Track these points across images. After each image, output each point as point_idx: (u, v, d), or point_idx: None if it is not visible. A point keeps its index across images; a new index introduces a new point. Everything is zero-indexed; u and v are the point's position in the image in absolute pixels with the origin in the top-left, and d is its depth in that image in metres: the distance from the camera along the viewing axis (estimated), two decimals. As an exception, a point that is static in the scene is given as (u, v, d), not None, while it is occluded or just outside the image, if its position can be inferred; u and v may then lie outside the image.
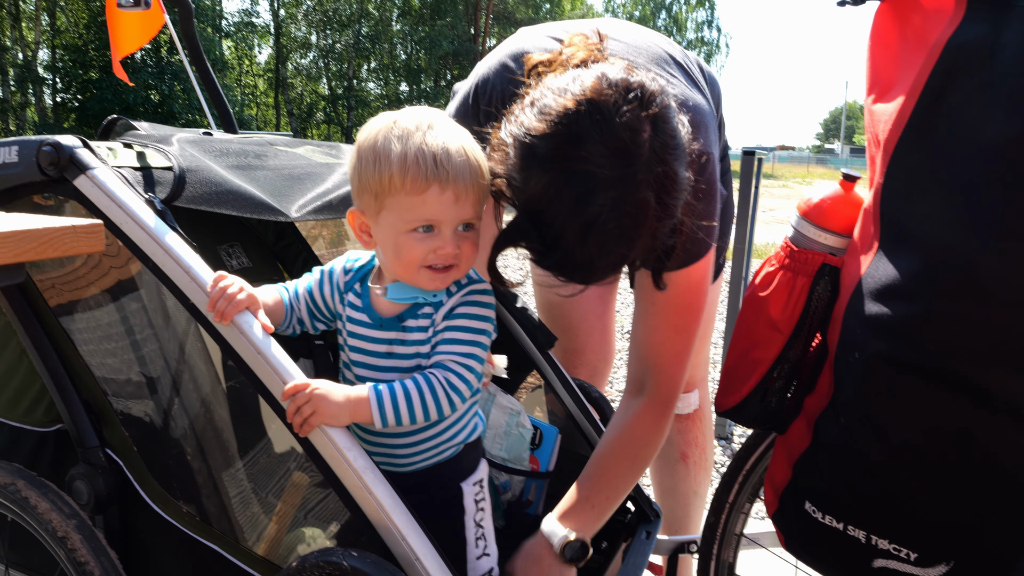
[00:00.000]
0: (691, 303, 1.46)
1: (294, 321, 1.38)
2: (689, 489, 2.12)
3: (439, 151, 1.15)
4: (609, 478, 1.45)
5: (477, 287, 1.28)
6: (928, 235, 1.05)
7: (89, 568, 1.28)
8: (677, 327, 1.46)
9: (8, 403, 1.47)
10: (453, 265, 1.22)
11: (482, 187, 1.19)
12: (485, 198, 1.21)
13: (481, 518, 1.35)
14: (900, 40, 1.12)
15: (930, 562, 1.14)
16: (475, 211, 1.20)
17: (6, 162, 1.32)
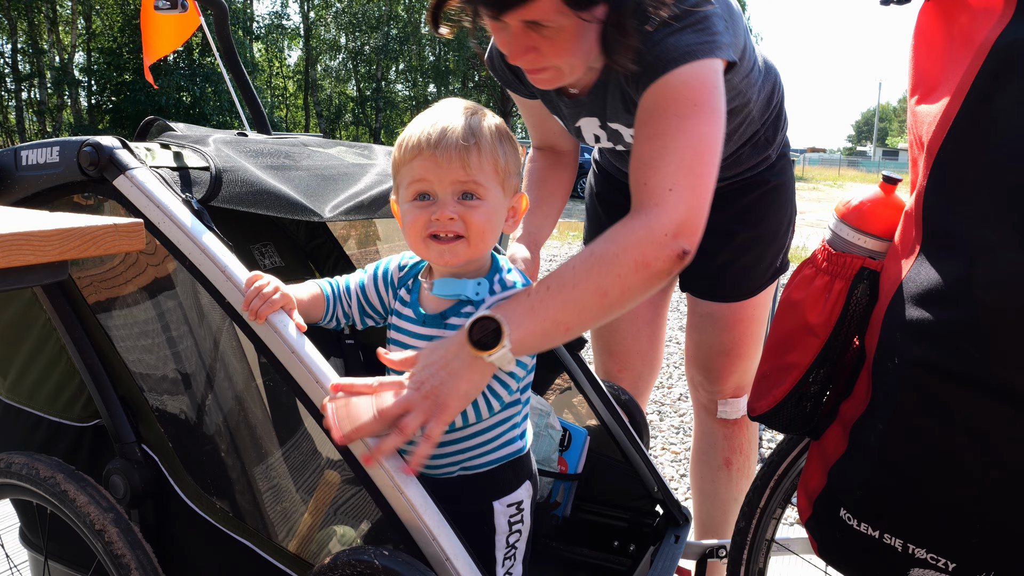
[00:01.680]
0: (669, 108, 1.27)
1: (338, 313, 1.38)
2: (730, 496, 2.10)
3: (436, 124, 1.18)
4: (560, 275, 1.19)
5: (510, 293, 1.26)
6: (972, 239, 1.03)
7: (126, 561, 1.29)
8: (647, 134, 1.28)
9: (48, 398, 1.50)
10: (460, 236, 1.18)
11: (479, 155, 1.16)
12: (484, 166, 1.17)
13: (516, 540, 1.32)
14: (946, 39, 1.11)
15: (969, 572, 1.12)
16: (467, 174, 1.16)
17: (48, 162, 1.34)
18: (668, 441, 3.62)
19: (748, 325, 1.94)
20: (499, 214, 1.23)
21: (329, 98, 41.17)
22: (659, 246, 1.17)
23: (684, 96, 1.27)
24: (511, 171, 1.22)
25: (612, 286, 1.17)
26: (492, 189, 1.20)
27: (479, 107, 1.24)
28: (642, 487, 1.85)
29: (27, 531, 1.64)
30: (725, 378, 2.01)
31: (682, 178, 1.21)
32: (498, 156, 1.19)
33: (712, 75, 1.30)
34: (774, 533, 1.69)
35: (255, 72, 33.16)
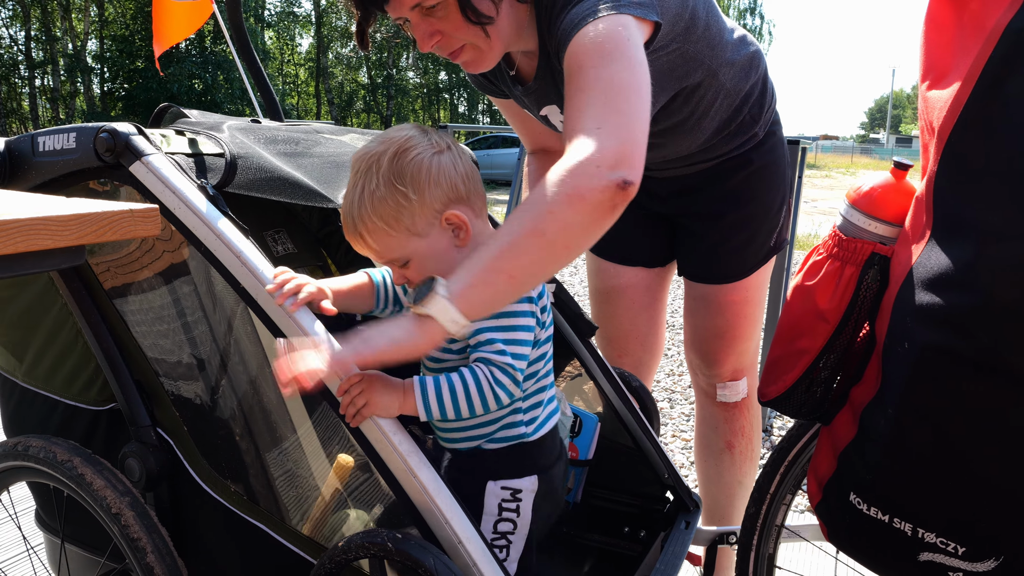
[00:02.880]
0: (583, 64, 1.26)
1: (390, 303, 1.41)
2: (734, 479, 2.11)
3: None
4: (499, 229, 1.18)
5: None
6: (983, 224, 1.03)
7: (141, 544, 1.31)
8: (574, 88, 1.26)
9: (64, 382, 1.52)
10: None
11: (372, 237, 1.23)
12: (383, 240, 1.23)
13: (507, 529, 1.32)
14: (957, 25, 1.10)
15: (979, 556, 1.12)
16: (378, 255, 1.26)
17: (64, 148, 1.35)
18: (679, 428, 3.63)
19: (743, 307, 1.94)
20: (433, 254, 1.25)
21: (340, 85, 41.15)
22: (591, 176, 1.13)
23: (593, 50, 1.26)
24: (414, 213, 1.22)
25: (547, 224, 1.13)
26: (408, 245, 1.23)
27: (375, 155, 1.23)
28: (652, 473, 1.85)
29: (43, 514, 1.66)
30: (722, 361, 2.01)
31: (609, 116, 1.18)
32: (386, 220, 1.21)
33: (620, 28, 1.28)
34: (784, 519, 1.70)
35: (267, 60, 33.14)
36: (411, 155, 1.22)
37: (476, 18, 1.36)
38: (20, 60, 30.72)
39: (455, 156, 1.26)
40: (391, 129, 1.29)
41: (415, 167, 1.21)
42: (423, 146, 1.23)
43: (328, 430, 1.38)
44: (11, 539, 2.44)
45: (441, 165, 1.23)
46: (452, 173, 1.24)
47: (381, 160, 1.22)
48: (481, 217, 1.30)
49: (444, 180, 1.23)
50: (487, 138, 23.46)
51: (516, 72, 1.67)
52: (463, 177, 1.25)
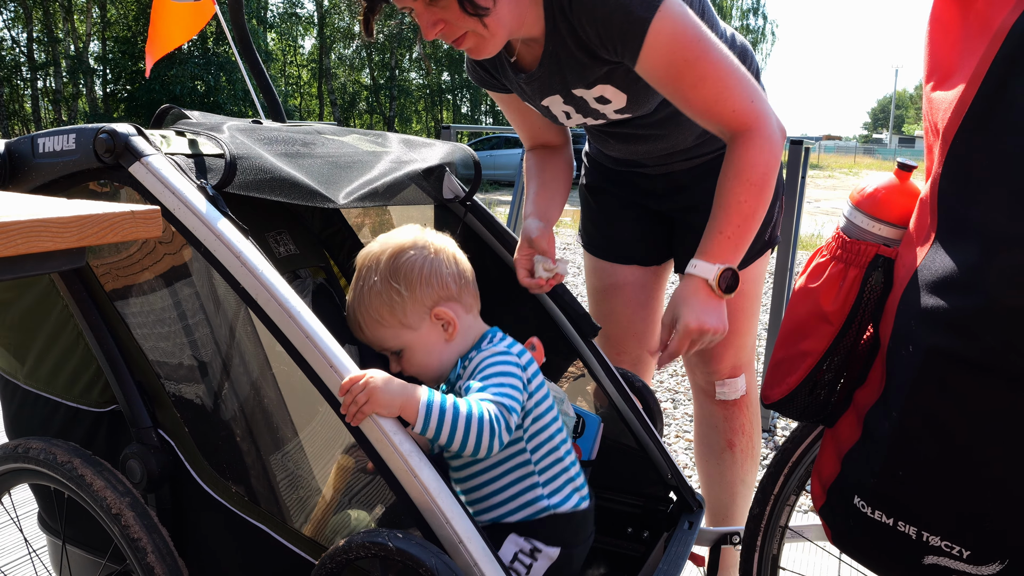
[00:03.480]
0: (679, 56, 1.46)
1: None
2: (736, 478, 2.10)
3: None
4: (734, 207, 1.52)
5: (486, 353, 1.35)
6: (988, 226, 1.02)
7: (142, 545, 1.31)
8: (695, 79, 1.49)
9: (65, 384, 1.52)
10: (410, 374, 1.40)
11: (368, 328, 1.40)
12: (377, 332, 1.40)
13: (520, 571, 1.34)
14: (962, 25, 1.10)
15: (984, 560, 1.12)
16: (376, 344, 1.42)
17: (64, 149, 1.35)
18: (682, 428, 3.62)
19: (738, 300, 1.92)
20: (423, 346, 1.39)
21: (343, 86, 41.18)
22: (779, 145, 1.53)
23: (684, 42, 1.46)
24: (406, 308, 1.37)
25: (769, 192, 1.53)
26: (400, 336, 1.39)
27: (376, 255, 1.40)
28: (656, 474, 1.85)
29: (45, 516, 1.66)
30: (720, 357, 2.00)
31: (746, 90, 1.50)
32: (380, 312, 1.38)
33: (681, 9, 1.46)
34: (788, 520, 1.69)
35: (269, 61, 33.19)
36: (406, 256, 1.39)
37: (473, 10, 1.43)
38: (22, 62, 30.78)
39: (448, 258, 1.42)
40: (396, 230, 1.44)
41: (408, 267, 1.38)
42: (418, 248, 1.40)
43: (329, 431, 1.37)
44: (13, 542, 2.44)
45: (433, 266, 1.39)
46: (443, 273, 1.40)
47: (380, 259, 1.39)
48: (472, 312, 1.44)
49: (435, 280, 1.39)
50: (490, 138, 23.48)
51: (516, 60, 1.69)
52: (454, 277, 1.41)
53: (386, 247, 1.40)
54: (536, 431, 1.36)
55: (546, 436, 1.38)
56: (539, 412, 1.38)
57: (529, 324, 1.68)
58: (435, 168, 1.83)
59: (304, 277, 2.03)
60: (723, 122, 1.52)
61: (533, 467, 1.35)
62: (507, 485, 1.34)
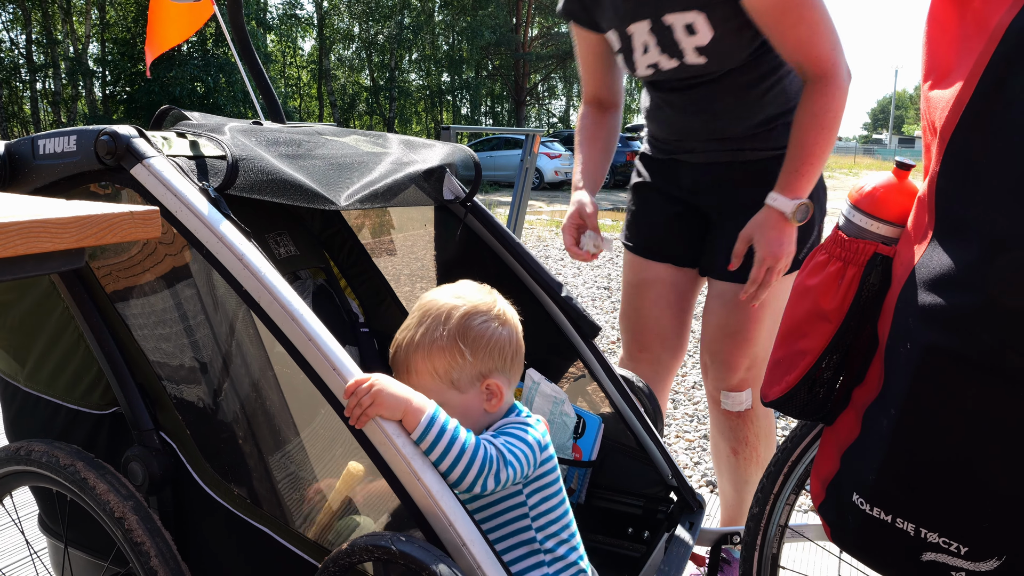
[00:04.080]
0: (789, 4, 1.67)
1: None
2: (740, 479, 2.14)
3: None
4: (808, 146, 1.73)
5: (508, 420, 1.36)
6: (985, 225, 1.02)
7: (145, 548, 1.31)
8: (795, 20, 1.69)
9: (66, 386, 1.52)
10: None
11: (416, 377, 1.35)
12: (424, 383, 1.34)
13: None
14: (959, 24, 1.10)
15: (981, 556, 1.12)
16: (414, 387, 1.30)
17: (65, 151, 1.35)
18: (682, 429, 3.63)
19: (759, 312, 1.95)
20: (463, 409, 1.34)
21: (343, 87, 41.19)
22: (846, 93, 1.74)
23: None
24: (463, 371, 1.34)
25: (835, 134, 1.74)
26: (445, 394, 1.34)
27: (449, 308, 1.36)
28: (656, 474, 1.85)
29: (46, 518, 1.66)
30: (731, 364, 2.01)
31: (833, 40, 1.72)
32: (437, 367, 1.34)
33: None
34: (788, 519, 1.69)
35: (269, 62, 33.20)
36: (479, 319, 1.36)
37: None
38: (21, 64, 30.77)
39: (512, 331, 1.41)
40: (469, 284, 1.42)
41: (479, 332, 1.35)
42: (492, 315, 1.38)
43: (331, 433, 1.37)
44: (14, 544, 2.44)
45: (500, 337, 1.37)
46: (505, 346, 1.38)
47: (452, 315, 1.35)
48: (511, 388, 1.41)
49: (497, 351, 1.36)
50: (490, 139, 23.48)
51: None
52: (513, 351, 1.39)
53: (461, 303, 1.37)
54: (547, 510, 1.35)
55: (555, 516, 1.36)
56: (551, 493, 1.36)
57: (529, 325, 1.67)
58: (435, 169, 1.83)
59: (304, 278, 2.03)
60: (808, 63, 1.72)
61: (538, 544, 1.33)
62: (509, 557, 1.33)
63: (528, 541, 1.33)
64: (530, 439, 1.30)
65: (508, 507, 1.31)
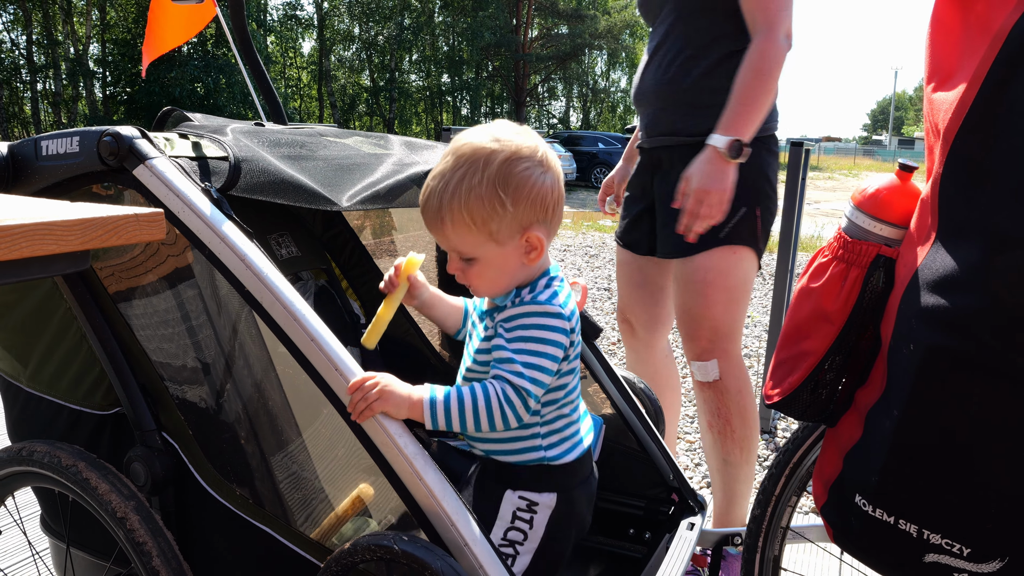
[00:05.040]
0: None
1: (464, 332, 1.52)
2: (717, 455, 2.22)
3: (428, 182, 1.28)
4: (745, 89, 1.89)
5: (534, 308, 1.27)
6: (988, 226, 1.02)
7: (147, 548, 1.31)
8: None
9: (69, 387, 1.52)
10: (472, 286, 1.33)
11: (452, 227, 1.25)
12: (461, 234, 1.25)
13: (517, 539, 1.33)
14: (962, 26, 1.10)
15: (984, 557, 1.12)
16: (449, 243, 1.28)
17: (68, 152, 1.35)
18: (683, 430, 3.62)
19: (703, 288, 2.07)
20: (499, 265, 1.28)
21: (343, 88, 41.20)
22: (784, 50, 1.91)
23: None
24: (503, 222, 1.24)
25: (771, 85, 1.90)
26: (481, 247, 1.26)
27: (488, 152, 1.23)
28: (657, 475, 1.85)
29: (48, 519, 1.67)
30: (691, 336, 2.14)
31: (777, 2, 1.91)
32: (475, 217, 1.23)
33: None
34: (789, 521, 1.69)
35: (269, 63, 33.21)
36: (522, 166, 1.24)
37: None
38: (22, 64, 30.78)
39: (555, 178, 1.29)
40: (507, 125, 1.29)
41: (521, 179, 1.23)
42: (535, 160, 1.25)
43: (333, 433, 1.37)
44: (16, 544, 2.44)
45: (544, 185, 1.26)
46: (548, 196, 1.27)
47: (492, 160, 1.23)
48: (551, 239, 1.33)
49: (540, 201, 1.26)
50: (489, 140, 23.46)
51: None
52: (555, 201, 1.29)
53: (502, 148, 1.23)
54: (554, 388, 1.33)
55: (562, 394, 1.35)
56: (568, 369, 1.34)
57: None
58: (437, 170, 1.83)
59: (306, 279, 2.03)
60: (759, 11, 1.92)
61: (539, 419, 1.33)
62: (509, 437, 1.33)
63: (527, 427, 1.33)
64: (556, 338, 1.25)
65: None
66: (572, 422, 1.38)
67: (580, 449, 1.38)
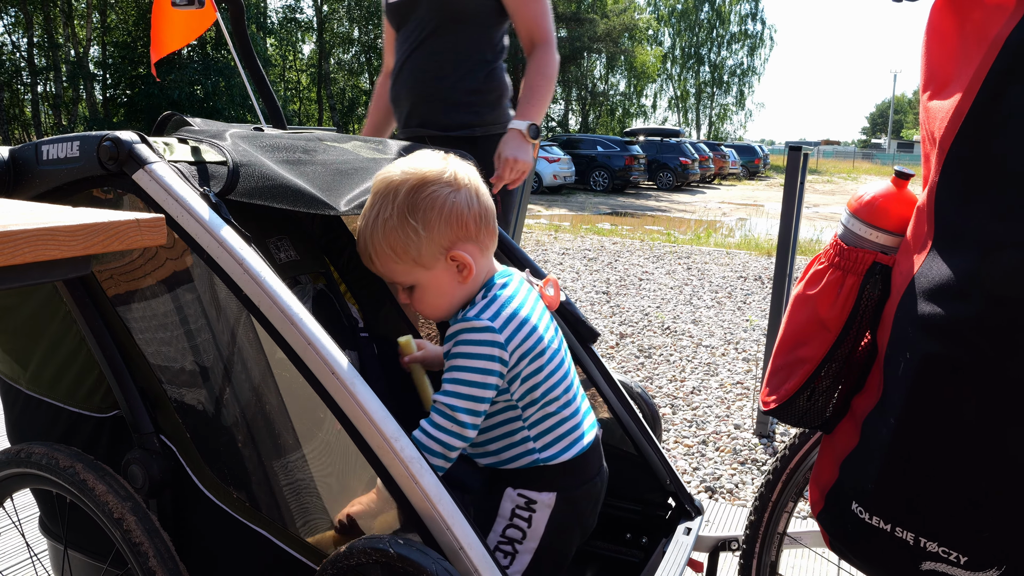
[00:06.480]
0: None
1: None
2: None
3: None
4: (533, 88, 2.47)
5: (462, 326, 1.30)
6: (984, 235, 1.03)
7: (143, 549, 1.31)
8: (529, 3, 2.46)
9: (68, 389, 1.52)
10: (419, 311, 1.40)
11: (380, 260, 1.33)
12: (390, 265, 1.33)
13: (515, 536, 1.35)
14: (958, 35, 1.10)
15: (981, 566, 1.12)
16: (386, 276, 1.36)
17: (68, 156, 1.36)
18: (681, 435, 3.63)
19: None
20: (435, 287, 1.34)
21: (342, 91, 41.20)
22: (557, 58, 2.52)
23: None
24: (421, 247, 1.30)
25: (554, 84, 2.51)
26: (412, 273, 1.33)
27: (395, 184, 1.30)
28: (654, 480, 1.86)
29: (47, 520, 1.67)
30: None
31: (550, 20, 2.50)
32: (394, 248, 1.30)
33: None
34: (786, 526, 1.70)
35: (268, 66, 33.22)
36: (427, 191, 1.28)
37: None
38: (22, 67, 30.79)
39: (471, 195, 1.31)
40: (418, 155, 1.34)
41: (428, 203, 1.28)
42: (442, 182, 1.29)
43: (331, 437, 1.38)
44: (15, 546, 2.44)
45: (455, 204, 1.29)
46: (464, 213, 1.30)
47: (399, 190, 1.29)
48: (486, 254, 1.36)
49: (455, 219, 1.29)
50: (488, 143, 23.45)
51: None
52: (475, 217, 1.31)
53: (407, 177, 1.30)
54: (528, 390, 1.34)
55: (540, 392, 1.35)
56: (534, 369, 1.34)
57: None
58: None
59: (304, 283, 2.04)
60: (534, 31, 2.47)
61: (523, 423, 1.35)
62: (497, 438, 1.36)
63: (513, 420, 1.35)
64: (486, 357, 1.27)
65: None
66: (564, 419, 1.38)
67: (579, 447, 1.39)
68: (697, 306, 6.45)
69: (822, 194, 24.26)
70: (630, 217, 15.67)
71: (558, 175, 20.56)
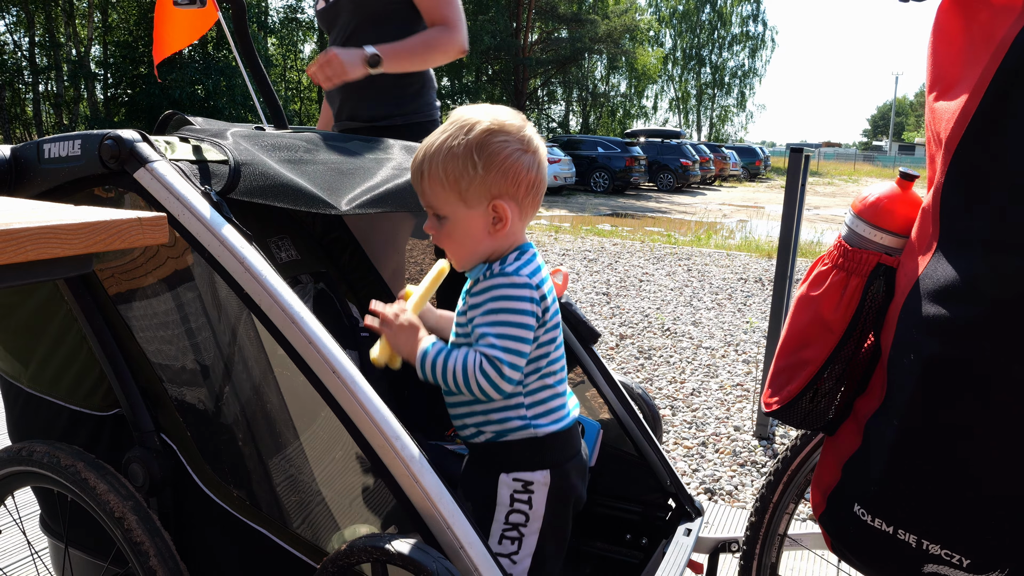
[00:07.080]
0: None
1: None
2: None
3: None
4: (408, 42, 2.34)
5: (501, 280, 1.32)
6: (990, 236, 1.02)
7: (144, 548, 1.31)
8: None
9: (69, 388, 1.52)
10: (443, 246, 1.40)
11: (428, 180, 1.33)
12: (435, 189, 1.33)
13: (518, 521, 1.36)
14: (965, 37, 1.10)
15: (984, 569, 1.12)
16: (424, 199, 1.36)
17: (70, 155, 1.36)
18: (681, 436, 3.63)
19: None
20: (467, 227, 1.34)
21: (343, 91, 41.17)
22: (453, 43, 2.40)
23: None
24: (472, 184, 1.31)
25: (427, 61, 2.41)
26: (451, 205, 1.33)
27: (474, 120, 1.32)
28: (655, 481, 1.85)
29: (47, 518, 1.67)
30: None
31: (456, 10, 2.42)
32: (448, 174, 1.31)
33: None
34: (787, 528, 1.69)
35: (270, 66, 33.23)
36: (500, 137, 1.32)
37: None
38: (24, 66, 30.80)
39: (534, 161, 1.35)
40: (506, 109, 1.37)
41: (496, 148, 1.31)
42: (516, 138, 1.33)
43: (331, 435, 1.38)
44: (15, 544, 2.44)
45: (519, 161, 1.32)
46: (522, 172, 1.33)
47: (475, 127, 1.31)
48: (523, 221, 1.39)
49: (513, 174, 1.32)
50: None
51: None
52: (530, 182, 1.35)
53: (488, 118, 1.33)
54: (536, 357, 1.36)
55: (544, 363, 1.38)
56: (548, 339, 1.38)
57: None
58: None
59: (305, 282, 2.04)
60: (435, 19, 2.39)
61: (521, 387, 1.36)
62: (493, 408, 1.36)
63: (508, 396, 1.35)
64: (525, 307, 1.30)
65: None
66: (557, 394, 1.40)
67: (566, 421, 1.41)
68: (697, 308, 6.45)
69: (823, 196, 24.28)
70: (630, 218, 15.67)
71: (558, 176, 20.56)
